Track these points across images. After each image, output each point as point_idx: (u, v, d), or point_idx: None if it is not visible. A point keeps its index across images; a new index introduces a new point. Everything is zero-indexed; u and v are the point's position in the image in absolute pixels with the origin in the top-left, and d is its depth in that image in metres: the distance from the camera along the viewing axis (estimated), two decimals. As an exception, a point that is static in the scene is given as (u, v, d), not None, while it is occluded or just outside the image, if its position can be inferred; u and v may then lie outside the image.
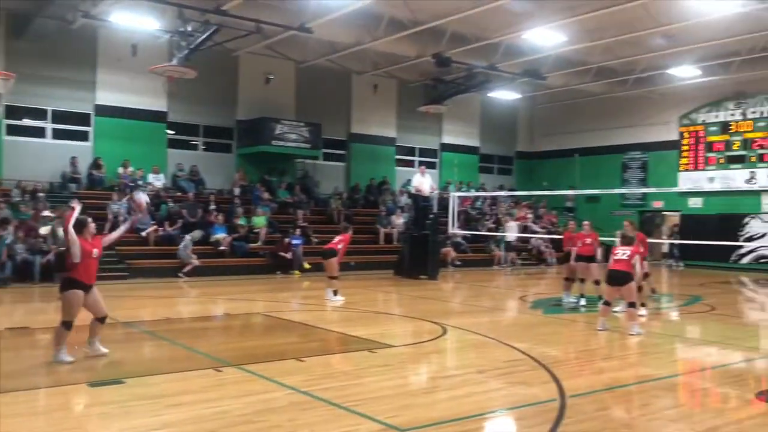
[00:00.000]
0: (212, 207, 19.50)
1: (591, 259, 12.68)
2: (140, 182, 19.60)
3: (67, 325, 7.06)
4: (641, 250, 10.72)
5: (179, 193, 20.27)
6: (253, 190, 21.38)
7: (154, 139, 20.86)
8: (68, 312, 7.10)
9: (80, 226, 7.32)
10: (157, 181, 20.09)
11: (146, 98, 20.36)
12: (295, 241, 18.83)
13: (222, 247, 18.25)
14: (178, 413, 5.51)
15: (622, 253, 9.77)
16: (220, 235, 18.42)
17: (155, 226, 17.94)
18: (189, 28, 16.71)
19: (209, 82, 20.85)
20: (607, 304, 10.06)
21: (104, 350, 7.49)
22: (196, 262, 17.20)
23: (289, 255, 18.46)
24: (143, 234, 17.57)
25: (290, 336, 9.67)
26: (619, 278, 9.63)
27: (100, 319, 7.41)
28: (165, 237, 17.92)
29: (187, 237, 17.45)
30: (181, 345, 8.60)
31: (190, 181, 20.98)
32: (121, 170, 19.57)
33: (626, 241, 10.03)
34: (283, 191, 22.35)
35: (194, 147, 22.34)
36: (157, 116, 20.88)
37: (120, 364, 7.30)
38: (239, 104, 22.63)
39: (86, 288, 7.21)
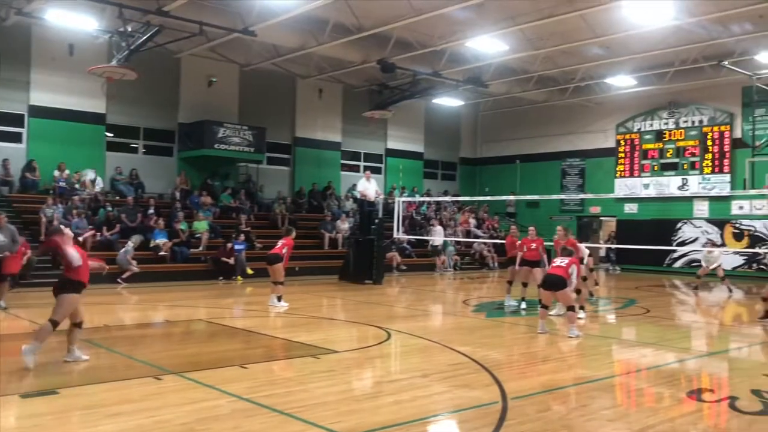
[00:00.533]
0: (152, 211, 19.08)
1: (536, 263, 12.86)
2: (77, 185, 19.05)
3: (55, 324, 7.21)
4: (577, 258, 11.07)
5: (118, 197, 19.79)
6: (190, 196, 21.02)
7: (92, 142, 20.27)
8: (62, 313, 7.28)
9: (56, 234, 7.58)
10: (95, 185, 19.52)
11: (84, 99, 19.78)
12: (237, 247, 18.58)
13: (162, 253, 17.87)
14: (117, 423, 5.36)
15: (560, 261, 10.12)
16: (161, 240, 18.03)
17: (93, 231, 17.44)
18: (129, 29, 16.33)
19: (150, 84, 20.45)
20: (545, 307, 10.31)
21: (85, 357, 7.55)
22: (135, 268, 16.78)
23: (231, 260, 18.22)
24: (80, 239, 17.04)
25: (233, 343, 9.55)
26: (554, 283, 9.92)
27: (78, 324, 7.50)
28: (103, 242, 17.44)
29: (129, 243, 17.04)
30: (119, 353, 8.38)
31: (129, 184, 20.48)
32: (56, 173, 18.95)
33: (566, 253, 10.42)
34: (225, 195, 22.04)
35: (134, 150, 21.83)
36: (95, 118, 20.29)
37: (54, 374, 7.04)
38: (181, 107, 22.23)
39: (82, 289, 7.44)
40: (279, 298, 12.86)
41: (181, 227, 18.83)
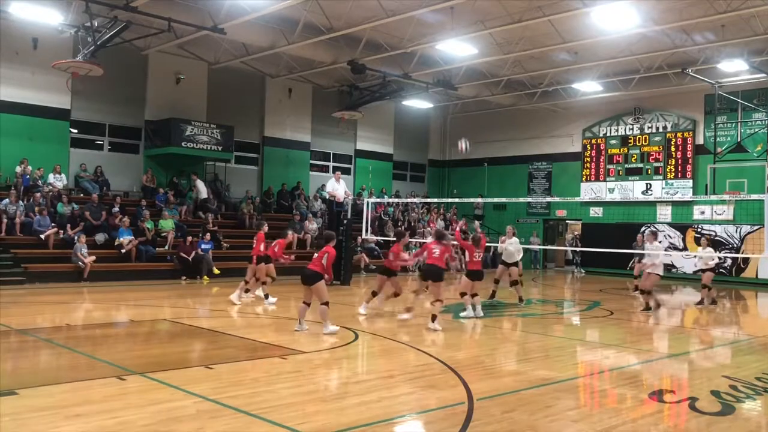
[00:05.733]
0: (117, 209, 18.80)
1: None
2: (40, 182, 18.68)
3: (327, 303, 9.69)
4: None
5: (82, 195, 19.45)
6: (155, 194, 20.76)
7: (56, 138, 19.89)
8: (325, 295, 9.68)
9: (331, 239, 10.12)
10: (58, 181, 19.17)
11: (48, 95, 19.40)
12: (204, 246, 18.39)
13: (123, 250, 17.56)
14: (78, 425, 5.26)
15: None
16: (125, 239, 17.76)
17: (55, 229, 17.11)
18: (95, 24, 16.06)
19: (117, 81, 20.17)
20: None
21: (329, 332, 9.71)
22: (82, 259, 16.42)
23: (189, 257, 17.95)
24: (42, 237, 16.72)
25: (198, 343, 9.45)
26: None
27: (325, 303, 9.71)
28: (66, 240, 17.12)
29: (74, 238, 16.77)
30: (81, 353, 8.23)
31: (93, 182, 20.15)
32: (18, 169, 18.53)
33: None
34: (192, 194, 21.79)
35: (99, 147, 21.47)
36: (59, 114, 19.91)
37: (13, 374, 6.90)
38: (148, 104, 21.94)
39: None
40: (266, 296, 13.77)
41: (147, 226, 18.57)
